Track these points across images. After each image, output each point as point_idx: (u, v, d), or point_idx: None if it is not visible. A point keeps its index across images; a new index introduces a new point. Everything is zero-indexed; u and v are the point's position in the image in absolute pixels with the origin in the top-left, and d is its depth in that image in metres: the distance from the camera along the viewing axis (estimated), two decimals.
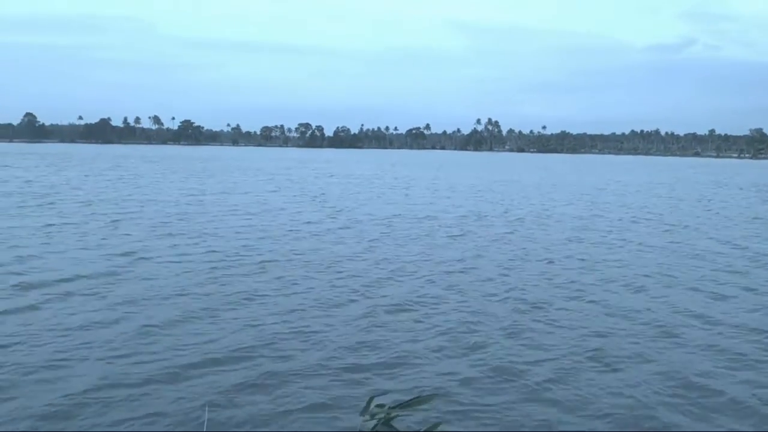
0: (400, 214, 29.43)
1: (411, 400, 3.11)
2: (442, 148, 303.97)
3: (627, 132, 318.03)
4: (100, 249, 18.28)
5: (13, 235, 20.39)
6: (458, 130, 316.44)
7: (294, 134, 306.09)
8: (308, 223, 25.65)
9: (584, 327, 11.80)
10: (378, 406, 3.10)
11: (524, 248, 20.57)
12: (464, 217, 29.37)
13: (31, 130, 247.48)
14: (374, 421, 3.01)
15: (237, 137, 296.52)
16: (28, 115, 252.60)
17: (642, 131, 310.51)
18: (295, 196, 39.20)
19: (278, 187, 46.73)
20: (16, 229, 21.53)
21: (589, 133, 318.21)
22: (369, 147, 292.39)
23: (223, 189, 43.13)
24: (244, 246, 19.53)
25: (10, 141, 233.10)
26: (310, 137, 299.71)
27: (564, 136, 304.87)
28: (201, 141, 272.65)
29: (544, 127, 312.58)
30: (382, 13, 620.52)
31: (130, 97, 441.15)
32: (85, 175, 53.80)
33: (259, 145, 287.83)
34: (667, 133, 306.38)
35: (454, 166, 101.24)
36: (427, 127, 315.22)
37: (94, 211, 27.46)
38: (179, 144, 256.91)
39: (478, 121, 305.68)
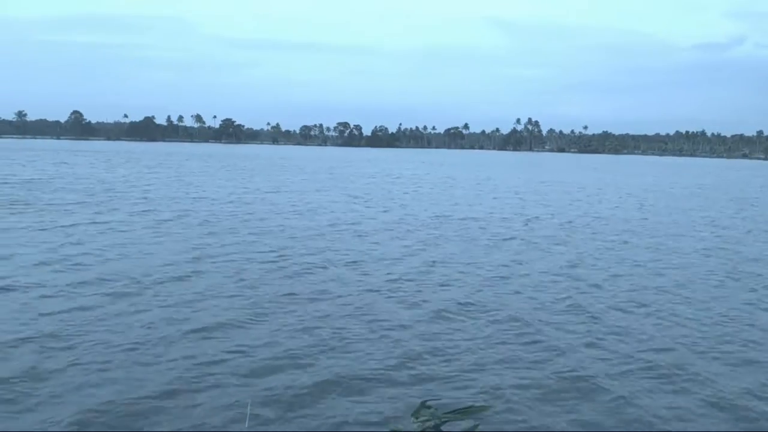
0: (448, 215, 29.23)
1: (464, 408, 3.10)
2: (481, 147, 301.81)
3: (671, 133, 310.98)
4: (173, 247, 18.59)
5: (77, 231, 20.93)
6: (497, 130, 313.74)
7: (332, 133, 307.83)
8: (359, 222, 25.65)
9: (656, 339, 11.48)
10: (427, 408, 3.09)
11: (582, 251, 20.19)
12: (510, 219, 29.02)
13: (77, 127, 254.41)
14: (424, 425, 3.02)
15: (276, 136, 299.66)
16: (75, 113, 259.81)
17: (687, 132, 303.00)
18: (348, 196, 39.30)
19: (328, 186, 46.93)
20: (77, 227, 22.09)
21: (631, 133, 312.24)
22: (407, 146, 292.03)
23: (275, 187, 43.51)
24: (301, 245, 19.62)
25: (58, 138, 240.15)
26: (349, 136, 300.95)
27: (606, 136, 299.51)
28: (241, 139, 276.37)
29: (585, 127, 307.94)
30: (421, 12, 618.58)
31: (174, 95, 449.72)
32: (147, 172, 55.00)
33: (298, 144, 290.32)
34: (713, 134, 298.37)
35: (497, 167, 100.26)
36: (466, 126, 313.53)
37: (156, 208, 28.01)
38: (220, 142, 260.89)
39: (518, 121, 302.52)
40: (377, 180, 57.20)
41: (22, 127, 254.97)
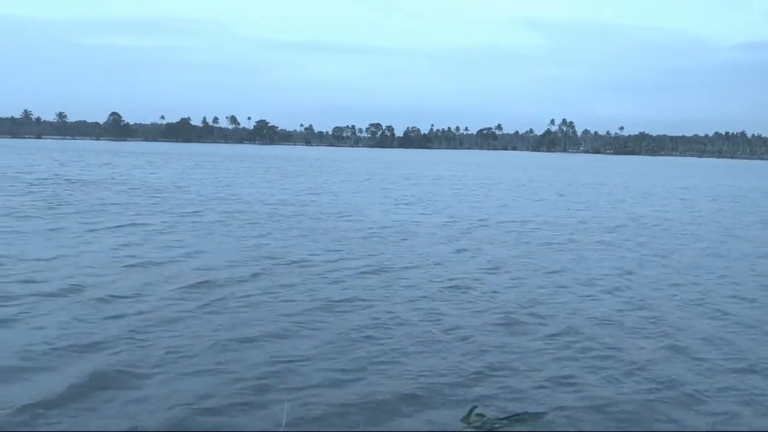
0: (496, 218, 28.77)
1: (517, 414, 3.06)
2: (514, 148, 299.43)
3: (710, 134, 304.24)
4: (231, 249, 18.56)
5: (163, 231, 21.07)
6: (531, 131, 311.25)
7: (364, 134, 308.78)
8: (409, 225, 25.35)
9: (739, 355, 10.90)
10: (479, 415, 3.07)
11: (641, 255, 19.59)
12: (560, 221, 28.42)
13: (116, 128, 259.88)
14: (474, 430, 3.00)
15: (309, 137, 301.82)
16: (114, 114, 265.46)
17: (727, 133, 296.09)
18: (392, 198, 39.08)
19: (369, 188, 46.79)
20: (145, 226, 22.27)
21: (669, 134, 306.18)
22: (439, 147, 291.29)
23: (317, 189, 43.52)
24: (352, 248, 19.38)
25: (97, 139, 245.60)
26: (381, 137, 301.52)
27: (642, 137, 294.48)
28: (275, 141, 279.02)
29: (621, 128, 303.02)
30: (453, 12, 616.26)
31: (209, 97, 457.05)
32: (191, 174, 55.65)
33: (331, 145, 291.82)
34: (753, 135, 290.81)
35: (535, 168, 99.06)
36: (499, 127, 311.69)
37: (206, 209, 28.16)
38: (254, 143, 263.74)
39: (552, 122, 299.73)
40: (417, 181, 56.88)
41: (62, 128, 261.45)
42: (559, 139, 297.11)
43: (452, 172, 76.28)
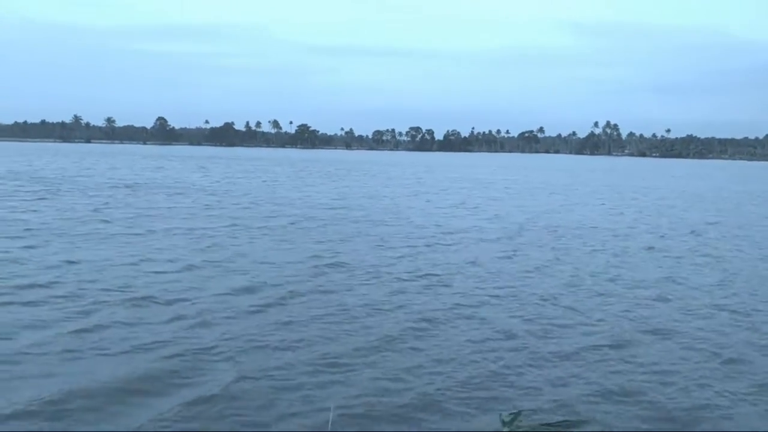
0: (560, 223, 28.06)
1: (559, 421, 3.12)
2: (556, 151, 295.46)
3: (761, 136, 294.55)
4: (295, 253, 18.45)
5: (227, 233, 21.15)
6: (574, 134, 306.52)
7: (404, 138, 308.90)
8: (471, 230, 24.90)
9: None
10: (514, 415, 3.11)
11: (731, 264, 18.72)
12: (623, 228, 27.54)
13: (162, 133, 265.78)
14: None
15: (349, 141, 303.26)
16: (160, 119, 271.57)
17: None
18: (448, 202, 38.66)
19: (421, 191, 46.46)
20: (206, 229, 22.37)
21: (717, 137, 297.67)
22: (479, 150, 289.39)
23: (370, 193, 43.36)
24: (417, 253, 19.07)
25: (144, 143, 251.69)
26: (421, 141, 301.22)
27: (690, 140, 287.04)
28: (316, 144, 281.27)
29: (668, 131, 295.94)
30: (495, 15, 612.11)
31: (252, 101, 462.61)
32: (240, 177, 56.28)
33: (371, 148, 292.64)
34: None
35: (584, 172, 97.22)
36: (541, 130, 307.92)
37: (261, 213, 28.24)
38: (295, 147, 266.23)
39: (596, 124, 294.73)
40: (467, 185, 56.26)
41: (111, 132, 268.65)
42: (603, 142, 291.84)
43: (498, 176, 75.32)
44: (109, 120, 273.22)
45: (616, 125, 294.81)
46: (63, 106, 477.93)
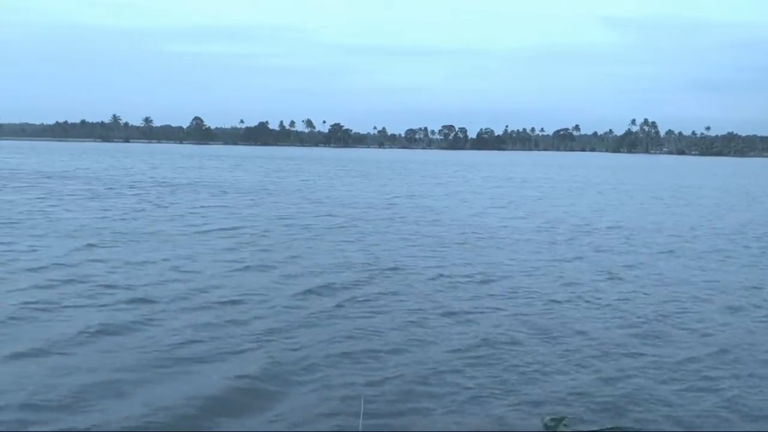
0: (603, 223, 27.66)
1: (604, 429, 2.97)
2: (592, 150, 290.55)
3: None
4: (331, 252, 18.55)
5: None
6: (610, 131, 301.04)
7: (437, 136, 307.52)
8: (515, 230, 24.72)
9: None
10: (557, 420, 3.04)
11: None
12: (670, 228, 27.00)
13: (198, 132, 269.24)
14: None
15: (382, 140, 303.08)
16: (196, 119, 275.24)
17: None
18: (489, 201, 38.43)
19: (459, 190, 46.27)
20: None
21: (760, 134, 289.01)
22: (513, 149, 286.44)
23: (410, 193, 43.33)
24: (466, 254, 19.02)
25: (180, 142, 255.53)
26: (454, 139, 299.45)
27: (731, 137, 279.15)
28: (348, 143, 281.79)
29: (707, 128, 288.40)
30: (528, 12, 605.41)
31: (286, 101, 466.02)
32: (275, 177, 56.83)
33: (403, 147, 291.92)
34: None
35: (623, 170, 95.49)
36: (576, 128, 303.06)
37: (305, 211, 28.48)
38: (328, 146, 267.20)
39: (633, 122, 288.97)
40: (503, 183, 55.84)
41: (148, 132, 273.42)
42: (641, 140, 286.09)
43: (536, 174, 74.46)
44: (147, 120, 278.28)
45: (654, 123, 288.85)
46: (102, 106, 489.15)
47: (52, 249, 17.80)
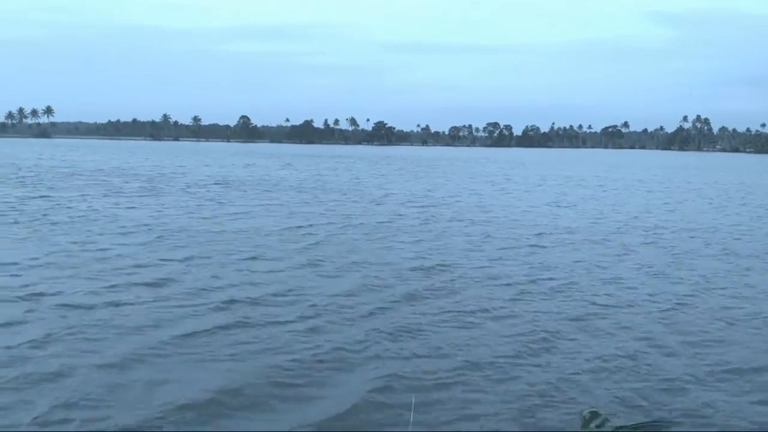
0: (678, 225, 26.63)
1: (644, 422, 2.85)
2: (642, 147, 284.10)
3: None
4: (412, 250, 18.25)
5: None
6: (661, 128, 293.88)
7: (482, 134, 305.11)
8: (579, 230, 23.98)
9: None
10: (593, 413, 2.92)
11: None
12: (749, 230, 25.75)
13: (245, 131, 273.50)
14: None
15: (426, 137, 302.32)
16: (243, 117, 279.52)
17: None
18: (545, 200, 37.61)
19: (512, 189, 45.50)
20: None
21: None
22: (560, 146, 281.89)
23: (460, 192, 42.79)
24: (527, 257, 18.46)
25: (228, 141, 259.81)
26: (498, 137, 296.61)
27: None
28: (392, 141, 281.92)
29: (763, 125, 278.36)
30: (575, 7, 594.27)
31: (330, 99, 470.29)
32: (328, 174, 57.02)
33: (447, 145, 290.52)
34: None
35: (682, 169, 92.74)
36: (625, 125, 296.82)
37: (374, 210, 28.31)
38: (372, 144, 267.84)
39: (685, 118, 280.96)
40: (559, 182, 54.67)
41: (197, 131, 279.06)
42: (693, 137, 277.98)
43: (593, 172, 72.76)
44: (196, 119, 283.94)
45: (706, 119, 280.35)
46: (153, 106, 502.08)
47: (127, 246, 18.00)
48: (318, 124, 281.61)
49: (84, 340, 9.92)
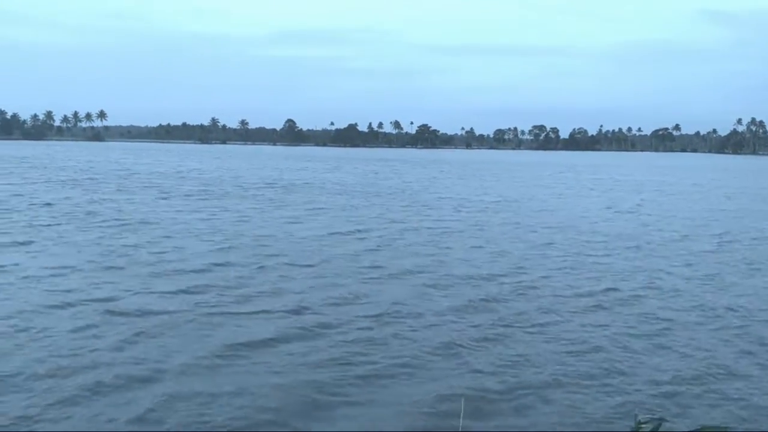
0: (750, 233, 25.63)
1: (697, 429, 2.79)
2: (694, 150, 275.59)
3: None
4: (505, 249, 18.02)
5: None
6: (714, 131, 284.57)
7: (527, 137, 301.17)
8: (648, 236, 23.33)
9: None
10: (653, 420, 2.83)
11: None
12: None
13: (291, 134, 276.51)
14: None
15: (470, 140, 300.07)
16: (289, 121, 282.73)
17: None
18: (605, 204, 36.81)
19: (569, 192, 44.69)
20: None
21: None
22: (608, 149, 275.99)
23: (522, 195, 42.26)
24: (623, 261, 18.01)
25: (274, 144, 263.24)
26: (545, 140, 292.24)
27: None
28: (436, 144, 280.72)
29: None
30: (622, 7, 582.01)
31: (374, 103, 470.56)
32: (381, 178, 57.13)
33: (491, 148, 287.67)
34: None
35: (746, 174, 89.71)
36: (677, 127, 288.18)
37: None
38: (416, 147, 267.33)
39: (739, 121, 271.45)
40: (615, 185, 53.44)
41: (244, 134, 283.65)
42: (747, 140, 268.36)
43: (650, 176, 70.95)
44: (243, 122, 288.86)
45: (761, 122, 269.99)
46: (202, 110, 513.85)
47: (187, 250, 18.32)
48: (362, 127, 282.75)
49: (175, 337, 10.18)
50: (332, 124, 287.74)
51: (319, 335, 10.78)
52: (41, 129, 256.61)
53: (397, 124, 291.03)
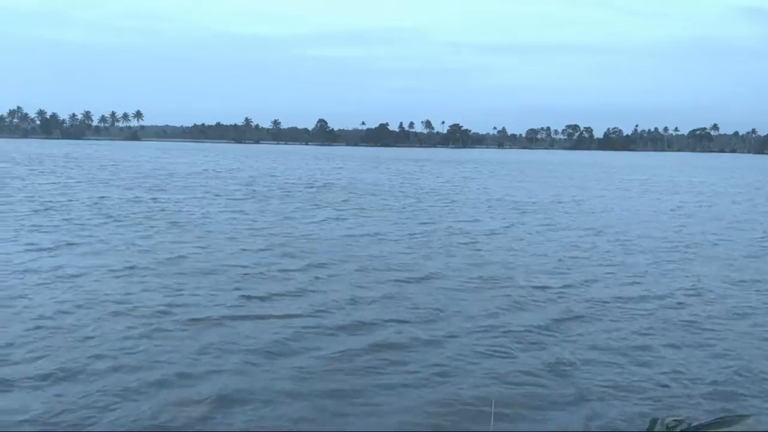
0: None
1: (712, 421, 2.74)
2: (732, 151, 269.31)
3: None
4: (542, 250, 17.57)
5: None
6: (753, 131, 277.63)
7: (560, 136, 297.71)
8: (716, 243, 22.51)
9: None
10: (675, 420, 2.81)
11: None
12: None
13: (322, 134, 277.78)
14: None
15: (502, 140, 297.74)
16: (321, 121, 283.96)
17: None
18: (656, 206, 35.87)
19: (612, 194, 43.74)
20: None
21: None
22: (644, 149, 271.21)
23: (574, 197, 41.50)
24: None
25: (306, 144, 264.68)
26: (578, 139, 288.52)
27: None
28: (467, 144, 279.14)
29: None
30: (657, 5, 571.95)
31: (406, 102, 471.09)
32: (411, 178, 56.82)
33: (524, 147, 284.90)
34: None
35: None
36: (714, 127, 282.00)
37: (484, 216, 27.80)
38: (447, 147, 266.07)
39: None
40: (659, 187, 52.19)
41: (277, 134, 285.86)
42: None
43: (686, 178, 69.26)
44: (275, 122, 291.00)
45: None
46: (236, 110, 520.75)
47: (246, 254, 18.20)
48: (393, 126, 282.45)
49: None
50: (363, 123, 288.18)
51: (372, 330, 10.72)
52: (80, 128, 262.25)
53: (428, 124, 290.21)
